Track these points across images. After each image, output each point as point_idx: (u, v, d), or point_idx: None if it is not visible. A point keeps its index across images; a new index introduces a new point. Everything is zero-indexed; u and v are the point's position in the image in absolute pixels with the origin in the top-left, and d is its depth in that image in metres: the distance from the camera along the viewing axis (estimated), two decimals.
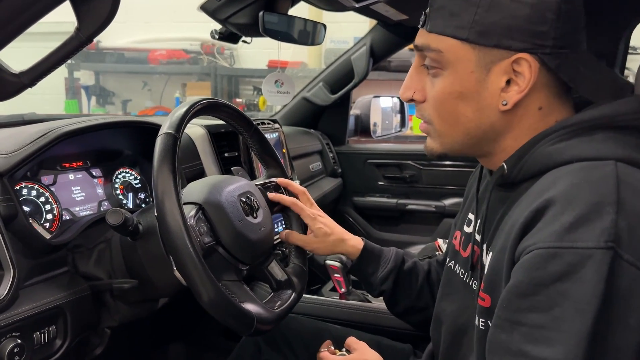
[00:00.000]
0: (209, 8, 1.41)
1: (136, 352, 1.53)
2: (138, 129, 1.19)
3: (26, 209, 0.96)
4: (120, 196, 1.19)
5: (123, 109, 5.25)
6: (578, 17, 0.72)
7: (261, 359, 1.16)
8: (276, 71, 1.80)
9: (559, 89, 0.74)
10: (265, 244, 1.01)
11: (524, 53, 0.70)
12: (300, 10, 1.57)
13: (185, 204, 0.91)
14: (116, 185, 1.19)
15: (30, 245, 0.91)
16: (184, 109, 0.91)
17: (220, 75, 4.92)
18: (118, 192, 1.19)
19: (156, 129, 0.90)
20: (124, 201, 1.20)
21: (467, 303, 0.83)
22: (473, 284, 0.83)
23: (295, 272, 1.09)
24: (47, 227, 1.00)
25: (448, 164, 2.32)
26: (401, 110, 2.63)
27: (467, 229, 0.90)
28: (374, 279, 1.11)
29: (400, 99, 2.56)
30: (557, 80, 0.73)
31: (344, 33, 4.16)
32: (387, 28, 2.12)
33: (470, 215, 0.90)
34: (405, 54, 3.83)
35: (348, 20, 3.79)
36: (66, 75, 5.17)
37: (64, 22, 0.96)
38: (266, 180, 1.14)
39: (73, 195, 1.08)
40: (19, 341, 0.83)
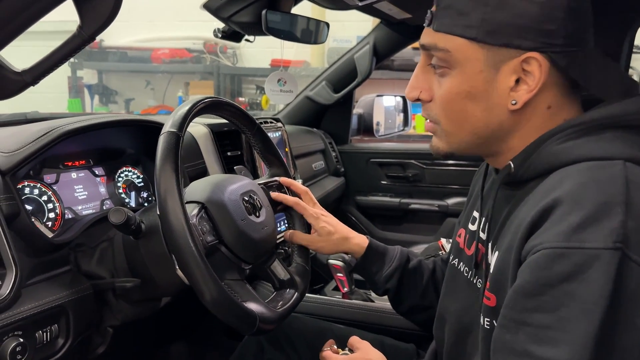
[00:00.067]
0: (212, 6, 1.41)
1: (139, 351, 1.53)
2: (141, 127, 1.19)
3: (28, 207, 0.96)
4: (123, 195, 1.19)
5: (126, 108, 5.26)
6: (586, 15, 0.71)
7: (264, 358, 1.16)
8: (279, 70, 1.80)
9: (567, 87, 0.74)
10: (268, 243, 1.00)
11: (534, 52, 0.69)
12: (303, 8, 1.57)
13: (187, 202, 0.91)
14: (119, 184, 1.19)
15: (32, 244, 0.91)
16: (187, 108, 0.91)
17: (223, 74, 4.92)
18: (120, 191, 1.19)
19: (159, 127, 0.89)
20: (127, 200, 1.19)
21: (472, 301, 0.82)
22: (477, 282, 0.83)
23: (298, 272, 1.08)
24: (50, 226, 0.99)
25: (451, 163, 2.32)
26: (404, 109, 2.63)
27: (472, 227, 0.89)
28: (378, 277, 1.10)
29: (404, 98, 2.58)
30: (566, 79, 0.73)
31: (347, 32, 4.15)
32: (391, 27, 2.11)
33: (475, 213, 0.89)
34: (408, 53, 3.83)
35: (351, 19, 3.79)
36: (69, 74, 5.18)
37: (67, 21, 0.96)
38: (269, 179, 1.14)
39: (75, 194, 1.08)
40: (21, 340, 0.82)
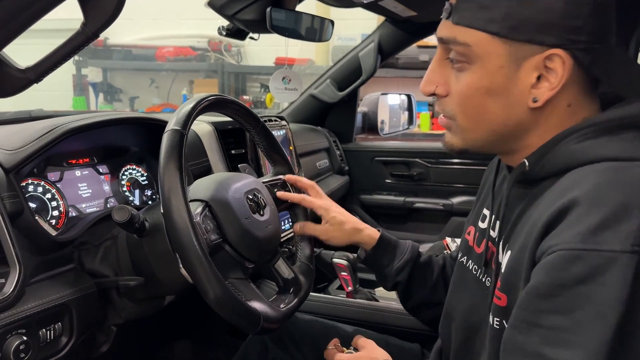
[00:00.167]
0: (216, 4, 1.41)
1: (142, 350, 1.53)
2: (145, 125, 1.19)
3: (32, 205, 0.96)
4: (127, 193, 1.19)
5: (131, 106, 5.28)
6: (611, 10, 0.69)
7: (268, 357, 1.15)
8: (284, 68, 1.79)
9: (587, 85, 0.72)
10: (272, 241, 1.00)
11: (558, 49, 0.67)
12: (308, 6, 1.56)
13: (191, 201, 0.90)
14: (123, 182, 1.19)
15: (36, 242, 0.90)
16: (191, 106, 0.90)
17: (227, 72, 4.93)
18: (124, 189, 1.18)
19: (163, 125, 0.89)
20: (131, 198, 1.19)
21: (480, 300, 0.81)
22: (487, 281, 0.81)
23: (302, 270, 1.08)
24: (53, 224, 0.99)
25: (456, 161, 2.31)
26: (409, 108, 2.62)
27: (482, 225, 0.88)
28: (389, 270, 1.09)
29: (409, 96, 2.57)
30: (587, 77, 0.71)
31: (352, 30, 4.15)
32: (395, 25, 2.10)
33: (485, 211, 0.88)
34: (413, 51, 3.82)
35: (356, 17, 3.79)
36: (74, 72, 5.20)
37: (70, 19, 0.96)
38: (273, 178, 1.14)
39: (79, 192, 1.08)
40: (25, 338, 0.82)
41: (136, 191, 1.21)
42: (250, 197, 0.97)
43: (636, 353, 0.56)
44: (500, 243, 0.77)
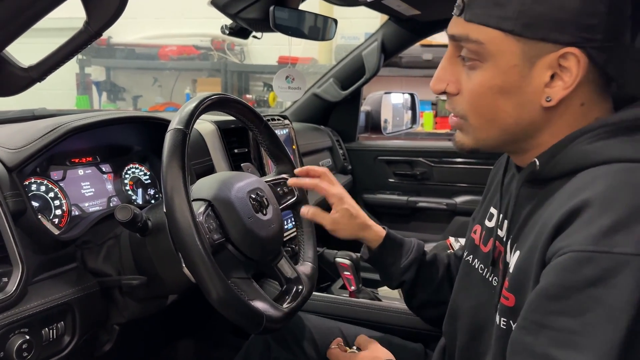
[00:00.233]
0: (219, 3, 1.40)
1: (145, 349, 1.53)
2: (148, 124, 1.19)
3: (35, 204, 0.96)
4: (130, 192, 1.19)
5: (134, 105, 5.28)
6: (627, 9, 0.68)
7: (270, 356, 1.15)
8: (287, 67, 1.79)
9: (601, 84, 0.71)
10: (275, 241, 1.00)
11: (572, 47, 0.66)
12: (311, 5, 1.56)
13: (194, 200, 0.90)
14: (125, 181, 1.19)
15: (39, 241, 0.90)
16: (194, 105, 0.90)
17: (230, 71, 4.93)
18: (127, 188, 1.18)
19: (166, 124, 0.89)
20: (134, 197, 1.19)
21: (486, 299, 0.81)
22: (493, 280, 0.81)
23: (305, 270, 1.08)
24: (56, 223, 0.99)
25: (459, 161, 2.30)
26: (412, 107, 2.61)
27: (489, 224, 0.87)
28: (394, 268, 1.08)
29: (412, 95, 2.56)
30: (601, 76, 0.70)
31: (355, 29, 4.14)
32: (399, 23, 2.10)
33: (493, 210, 0.87)
34: (416, 50, 3.81)
35: (359, 16, 3.78)
36: (77, 71, 5.21)
37: (73, 18, 0.96)
38: (276, 177, 1.13)
39: (82, 191, 1.08)
40: (28, 337, 0.82)
41: (139, 190, 1.21)
42: (253, 197, 0.97)
43: None
44: (508, 243, 0.76)
